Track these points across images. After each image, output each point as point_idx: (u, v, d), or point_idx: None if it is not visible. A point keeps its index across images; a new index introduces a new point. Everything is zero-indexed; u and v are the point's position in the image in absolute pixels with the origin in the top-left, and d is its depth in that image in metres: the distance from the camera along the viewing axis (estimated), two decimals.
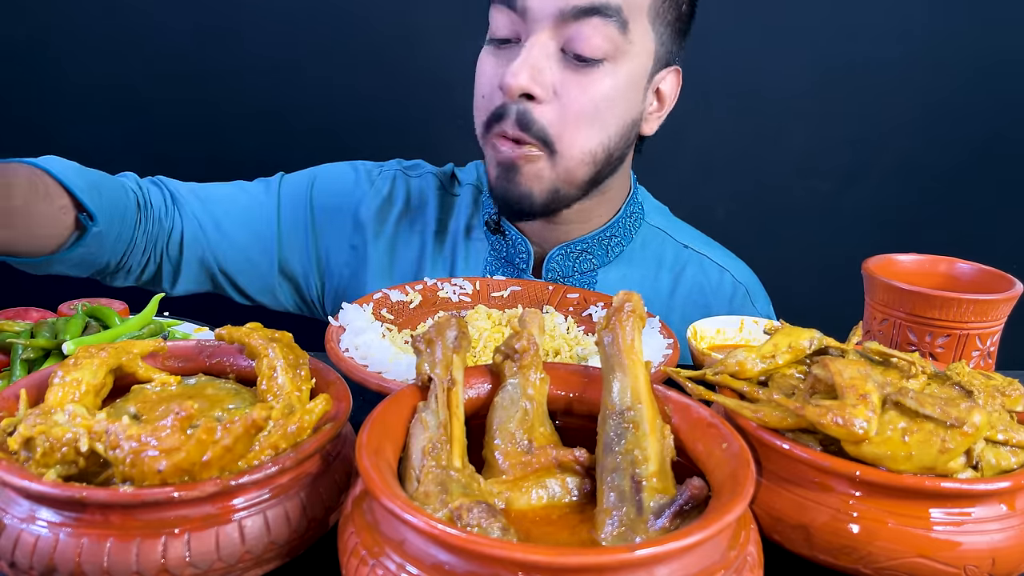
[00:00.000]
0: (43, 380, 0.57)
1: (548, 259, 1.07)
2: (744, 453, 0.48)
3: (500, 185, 0.96)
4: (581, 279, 1.08)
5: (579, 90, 0.90)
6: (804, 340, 0.64)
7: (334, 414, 0.56)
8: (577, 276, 1.08)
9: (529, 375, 0.58)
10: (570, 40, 0.88)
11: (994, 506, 0.52)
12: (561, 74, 0.90)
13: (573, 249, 1.06)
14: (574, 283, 1.08)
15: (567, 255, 1.06)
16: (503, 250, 1.11)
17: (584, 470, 0.54)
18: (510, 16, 0.90)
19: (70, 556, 0.46)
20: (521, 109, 0.90)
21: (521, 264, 1.09)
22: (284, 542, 0.51)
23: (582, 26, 0.87)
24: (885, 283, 0.80)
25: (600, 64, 0.90)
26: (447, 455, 0.51)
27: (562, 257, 1.06)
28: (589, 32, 0.87)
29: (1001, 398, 0.59)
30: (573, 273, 1.08)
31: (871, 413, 0.52)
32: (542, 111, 0.90)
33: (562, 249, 1.07)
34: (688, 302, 1.11)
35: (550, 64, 0.89)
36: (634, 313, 0.57)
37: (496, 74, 0.92)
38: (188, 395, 0.58)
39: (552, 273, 1.08)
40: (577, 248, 1.06)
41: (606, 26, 0.87)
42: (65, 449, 0.48)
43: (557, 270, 1.07)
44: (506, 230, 1.09)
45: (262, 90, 1.68)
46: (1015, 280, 0.80)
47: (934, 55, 1.76)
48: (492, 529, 0.44)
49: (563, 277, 1.08)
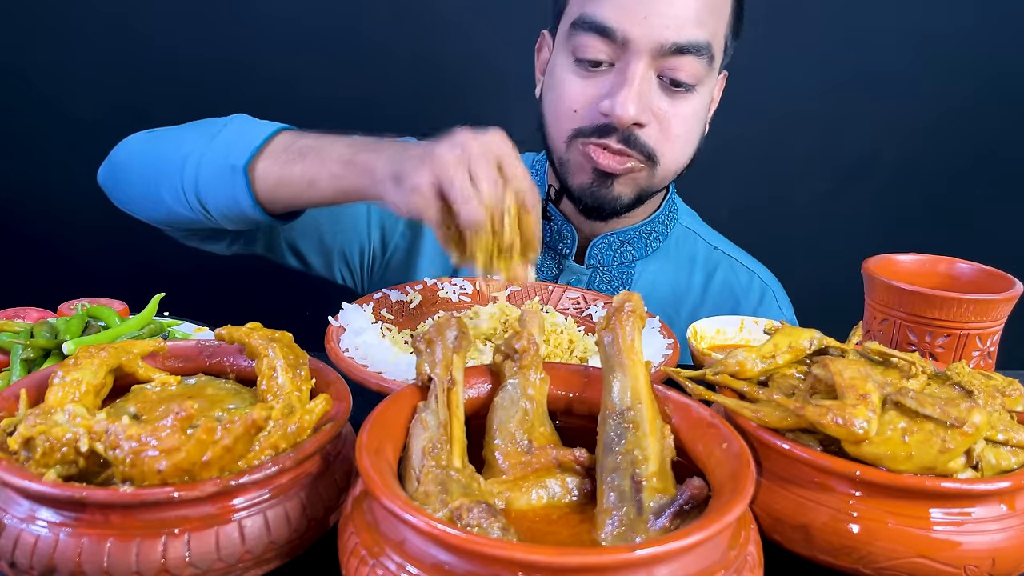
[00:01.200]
0: (43, 380, 0.57)
1: (592, 247, 1.12)
2: (744, 453, 0.48)
3: (592, 189, 1.03)
4: (620, 269, 1.13)
5: (676, 113, 1.00)
6: (804, 340, 0.64)
7: (334, 414, 0.56)
8: (616, 266, 1.13)
9: (529, 375, 0.58)
10: (666, 70, 0.97)
11: (994, 506, 0.52)
12: (659, 100, 0.99)
13: (616, 239, 1.12)
14: (614, 273, 1.13)
15: (610, 244, 1.12)
16: (546, 235, 1.14)
17: (584, 470, 0.54)
18: (605, 43, 0.97)
19: (70, 556, 0.46)
20: (626, 132, 0.98)
21: (565, 250, 1.13)
22: (284, 542, 0.51)
23: (679, 61, 0.96)
24: (885, 283, 0.80)
25: (693, 88, 0.99)
26: (447, 455, 0.51)
27: (605, 246, 1.12)
28: (685, 65, 0.97)
29: (1001, 398, 0.59)
30: (613, 263, 1.13)
31: (871, 413, 0.52)
32: (645, 132, 0.99)
33: (605, 238, 1.12)
34: (719, 300, 1.17)
35: (651, 92, 0.98)
36: (634, 313, 0.57)
37: (590, 94, 0.99)
38: (188, 395, 0.58)
39: (594, 260, 1.12)
40: (620, 239, 1.12)
41: (699, 60, 0.97)
42: (65, 449, 0.48)
43: (599, 258, 1.12)
44: (551, 214, 1.13)
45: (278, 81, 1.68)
46: (1015, 280, 0.80)
47: (936, 60, 1.76)
48: (492, 529, 0.44)
49: (603, 266, 1.13)
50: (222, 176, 0.91)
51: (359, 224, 1.17)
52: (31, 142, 1.66)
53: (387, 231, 1.18)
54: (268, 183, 0.90)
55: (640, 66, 0.95)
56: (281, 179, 0.90)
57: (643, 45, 0.94)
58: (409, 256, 1.18)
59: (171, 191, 0.95)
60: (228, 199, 0.92)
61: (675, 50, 0.95)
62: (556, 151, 1.06)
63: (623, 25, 0.94)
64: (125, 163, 1.03)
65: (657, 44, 0.94)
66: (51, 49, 1.64)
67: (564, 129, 1.03)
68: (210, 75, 1.67)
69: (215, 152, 0.92)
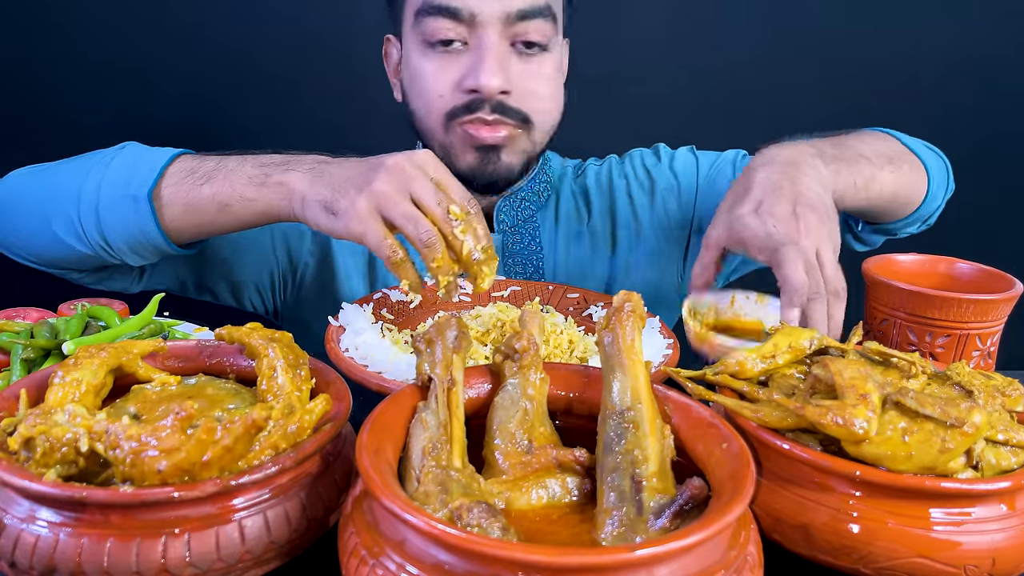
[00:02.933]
0: (43, 380, 0.57)
1: (497, 211, 1.16)
2: (744, 453, 0.48)
3: (481, 166, 1.05)
4: (526, 226, 1.18)
5: (535, 74, 1.04)
6: (804, 340, 0.64)
7: (334, 414, 0.56)
8: (522, 224, 1.18)
9: (529, 375, 0.58)
10: (517, 35, 1.01)
11: (994, 506, 0.52)
12: (517, 65, 1.02)
13: (516, 198, 1.17)
14: (523, 231, 1.17)
15: (512, 205, 1.16)
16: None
17: (584, 470, 0.54)
18: (453, 23, 1.00)
19: (70, 556, 0.46)
20: (495, 101, 1.01)
21: None
22: (284, 542, 0.51)
23: (526, 25, 1.00)
24: (885, 283, 0.80)
25: (546, 48, 1.04)
26: (447, 455, 0.51)
27: (509, 207, 1.16)
28: (532, 29, 1.01)
29: (1001, 398, 0.59)
30: (518, 221, 1.17)
31: (871, 413, 0.52)
32: (513, 98, 1.02)
33: (507, 201, 1.16)
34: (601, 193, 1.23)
35: (509, 60, 1.01)
36: (634, 313, 0.57)
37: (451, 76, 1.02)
38: (188, 395, 0.58)
39: (502, 224, 1.16)
40: (519, 197, 1.17)
41: (544, 23, 1.02)
42: (65, 449, 0.48)
43: (507, 221, 1.17)
44: None
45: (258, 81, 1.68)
46: (1015, 280, 0.80)
47: (936, 56, 1.76)
48: (492, 529, 0.44)
49: (511, 227, 1.17)
50: (124, 206, 0.87)
51: (263, 248, 1.15)
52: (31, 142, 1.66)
53: (292, 250, 1.17)
54: (175, 210, 0.87)
55: (493, 37, 0.99)
56: (189, 205, 0.87)
57: (491, 17, 0.98)
58: (321, 272, 1.16)
59: (65, 226, 0.89)
60: (133, 230, 0.88)
61: (520, 16, 0.99)
62: (436, 139, 1.07)
63: (468, 2, 0.98)
64: (9, 201, 0.95)
65: (504, 13, 0.98)
66: (51, 52, 1.64)
67: (437, 115, 1.04)
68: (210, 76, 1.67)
69: (112, 182, 0.88)
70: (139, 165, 0.89)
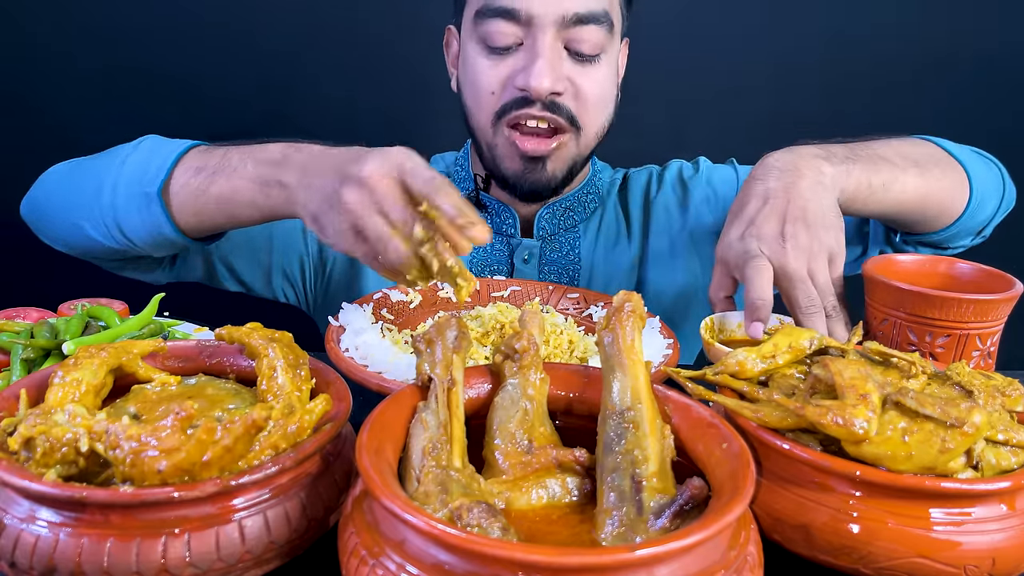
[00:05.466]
0: (43, 380, 0.57)
1: (538, 219, 1.15)
2: (744, 453, 0.48)
3: (525, 175, 1.07)
4: (567, 235, 1.17)
5: (587, 80, 1.04)
6: (804, 340, 0.64)
7: (334, 414, 0.56)
8: (563, 233, 1.17)
9: (529, 375, 0.58)
10: (571, 41, 1.01)
11: (994, 506, 0.52)
12: (570, 69, 1.03)
13: (559, 208, 1.16)
14: (562, 240, 1.17)
15: (554, 213, 1.16)
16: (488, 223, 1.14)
17: (584, 470, 0.54)
18: (511, 24, 1.01)
19: (70, 556, 0.46)
20: (546, 101, 1.02)
21: (509, 230, 1.16)
22: (284, 542, 0.51)
23: (581, 31, 1.01)
24: (885, 283, 0.80)
25: (598, 58, 1.04)
26: (447, 455, 0.51)
27: (550, 215, 1.16)
28: (587, 35, 1.01)
29: (1001, 398, 0.59)
30: (559, 230, 1.17)
31: (871, 413, 0.52)
32: (563, 100, 1.03)
33: (549, 209, 1.15)
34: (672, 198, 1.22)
35: (562, 62, 1.02)
36: (634, 313, 0.57)
37: (504, 74, 1.03)
38: (188, 395, 0.58)
39: (542, 231, 1.16)
40: (562, 206, 1.16)
41: (600, 29, 1.02)
42: (65, 449, 0.48)
43: (547, 228, 1.16)
44: (486, 203, 1.16)
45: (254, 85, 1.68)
46: (1015, 280, 0.80)
47: (938, 55, 1.76)
48: (492, 529, 0.44)
49: (551, 235, 1.16)
50: (138, 203, 0.88)
51: (295, 236, 1.16)
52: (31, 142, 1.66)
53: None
54: (185, 209, 0.88)
55: (548, 38, 1.00)
56: (197, 204, 0.87)
57: (547, 19, 0.99)
58: (349, 266, 1.17)
59: (91, 222, 0.92)
60: (148, 226, 0.89)
61: (576, 20, 1.00)
62: (483, 138, 1.08)
63: (525, 4, 0.99)
64: (46, 197, 1.00)
65: (559, 16, 0.99)
66: (51, 51, 1.64)
67: (487, 113, 1.05)
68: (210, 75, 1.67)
69: (127, 179, 0.89)
70: (151, 161, 0.90)
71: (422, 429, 0.52)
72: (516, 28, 1.01)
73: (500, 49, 1.02)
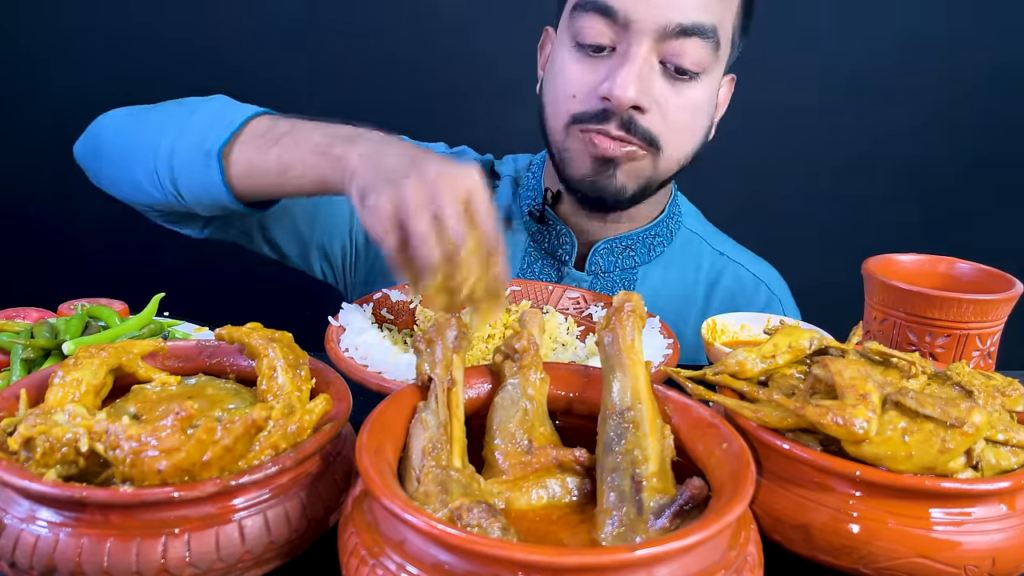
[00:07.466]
0: (43, 380, 0.57)
1: (593, 253, 1.08)
2: (744, 453, 0.48)
3: (593, 178, 0.99)
4: (622, 275, 1.09)
5: (679, 100, 0.96)
6: (804, 340, 0.64)
7: (334, 414, 0.56)
8: (618, 272, 1.09)
9: (529, 375, 0.58)
10: (669, 55, 0.93)
11: (994, 506, 0.52)
12: (662, 86, 0.95)
13: (618, 244, 1.08)
14: (615, 279, 1.09)
15: (612, 250, 1.08)
16: (545, 242, 1.11)
17: (584, 470, 0.54)
18: (607, 24, 0.93)
19: (70, 556, 0.46)
20: (626, 116, 0.95)
21: (564, 256, 1.10)
22: (284, 542, 0.51)
23: (683, 44, 0.92)
24: (885, 283, 0.80)
25: (697, 77, 0.96)
26: (447, 455, 0.51)
27: (607, 251, 1.08)
28: (689, 49, 0.93)
29: (1001, 398, 0.59)
30: (615, 269, 1.09)
31: (871, 413, 0.52)
32: (646, 119, 0.95)
33: (607, 244, 1.08)
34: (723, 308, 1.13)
35: (654, 77, 0.94)
36: (634, 313, 0.57)
37: (589, 79, 0.96)
38: (188, 395, 0.58)
39: (595, 267, 1.09)
40: (622, 244, 1.09)
41: (705, 45, 0.93)
42: (65, 449, 0.48)
43: (601, 264, 1.09)
44: (550, 221, 1.10)
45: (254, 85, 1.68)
46: (1015, 280, 0.80)
47: (937, 60, 1.76)
48: (492, 529, 0.44)
49: (605, 272, 1.09)
50: (196, 160, 0.87)
51: (341, 221, 1.13)
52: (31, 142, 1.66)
53: None
54: (241, 169, 0.87)
55: (642, 48, 0.92)
56: (254, 165, 0.86)
57: (646, 26, 0.91)
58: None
59: (145, 173, 0.92)
60: (201, 184, 0.88)
61: (679, 32, 0.91)
62: (555, 141, 1.02)
63: (626, 4, 0.91)
64: (101, 140, 0.99)
65: (660, 25, 0.91)
66: (52, 51, 1.64)
67: (563, 115, 0.99)
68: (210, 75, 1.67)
69: (190, 135, 0.88)
70: (217, 121, 0.88)
71: (422, 429, 0.52)
72: (611, 30, 0.93)
73: (591, 49, 0.95)
